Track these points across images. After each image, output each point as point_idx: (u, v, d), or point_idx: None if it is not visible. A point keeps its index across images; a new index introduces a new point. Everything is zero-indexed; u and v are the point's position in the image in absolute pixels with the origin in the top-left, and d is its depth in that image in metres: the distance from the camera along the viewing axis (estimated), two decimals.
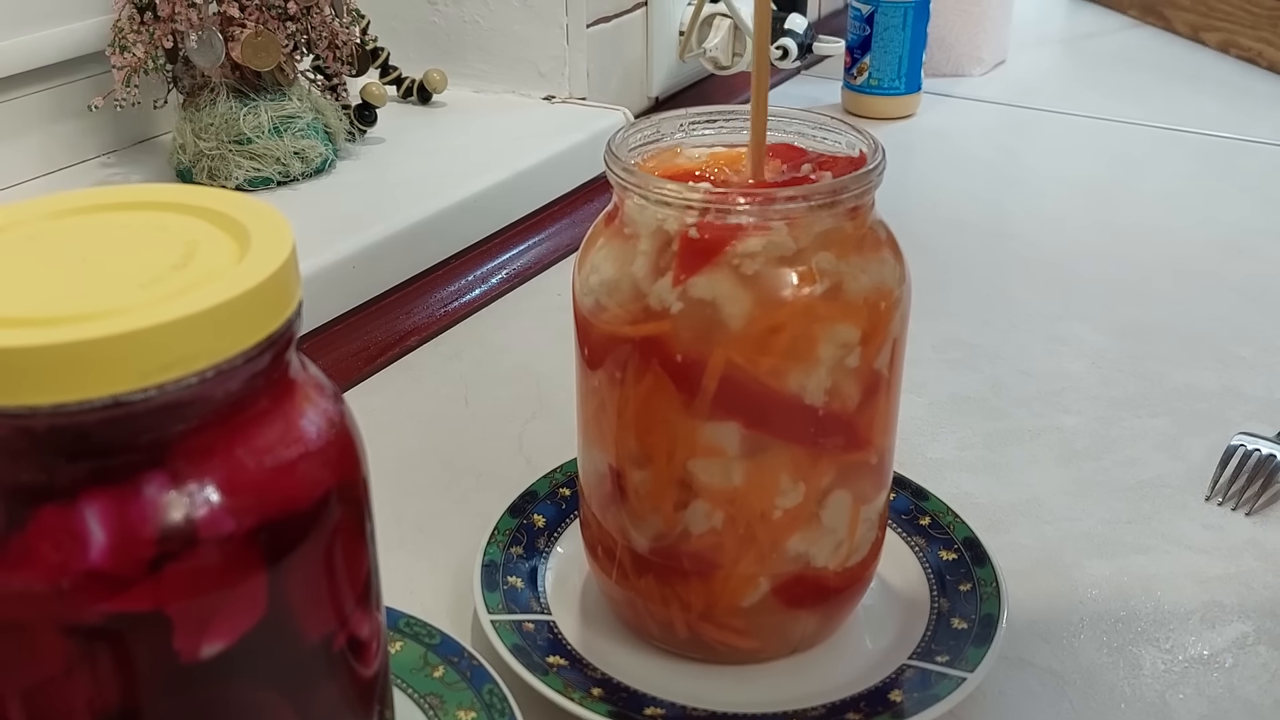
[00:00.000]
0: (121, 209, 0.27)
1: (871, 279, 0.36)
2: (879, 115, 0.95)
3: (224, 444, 0.24)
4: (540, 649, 0.39)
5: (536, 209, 0.74)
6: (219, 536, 0.24)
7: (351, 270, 0.61)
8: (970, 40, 1.03)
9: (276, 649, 0.26)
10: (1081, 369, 0.60)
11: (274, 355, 0.25)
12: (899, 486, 0.47)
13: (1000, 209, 0.81)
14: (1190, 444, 0.54)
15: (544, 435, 0.54)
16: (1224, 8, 1.10)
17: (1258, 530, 0.48)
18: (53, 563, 0.23)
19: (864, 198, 0.35)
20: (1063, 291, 0.68)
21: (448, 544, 0.47)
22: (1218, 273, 0.70)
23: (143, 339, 0.22)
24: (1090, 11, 1.26)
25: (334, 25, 0.68)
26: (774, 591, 0.38)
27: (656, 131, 0.39)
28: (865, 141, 0.38)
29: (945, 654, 0.39)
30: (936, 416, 0.56)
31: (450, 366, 0.61)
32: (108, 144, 0.72)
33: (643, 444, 0.37)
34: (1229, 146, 0.90)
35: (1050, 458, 0.53)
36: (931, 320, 0.63)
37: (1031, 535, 0.48)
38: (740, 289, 0.34)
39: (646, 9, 0.87)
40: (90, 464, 0.23)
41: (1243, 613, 0.44)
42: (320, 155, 0.69)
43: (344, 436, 0.27)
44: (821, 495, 0.37)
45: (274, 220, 0.26)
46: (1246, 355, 0.61)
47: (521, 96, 0.84)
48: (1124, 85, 1.03)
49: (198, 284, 0.24)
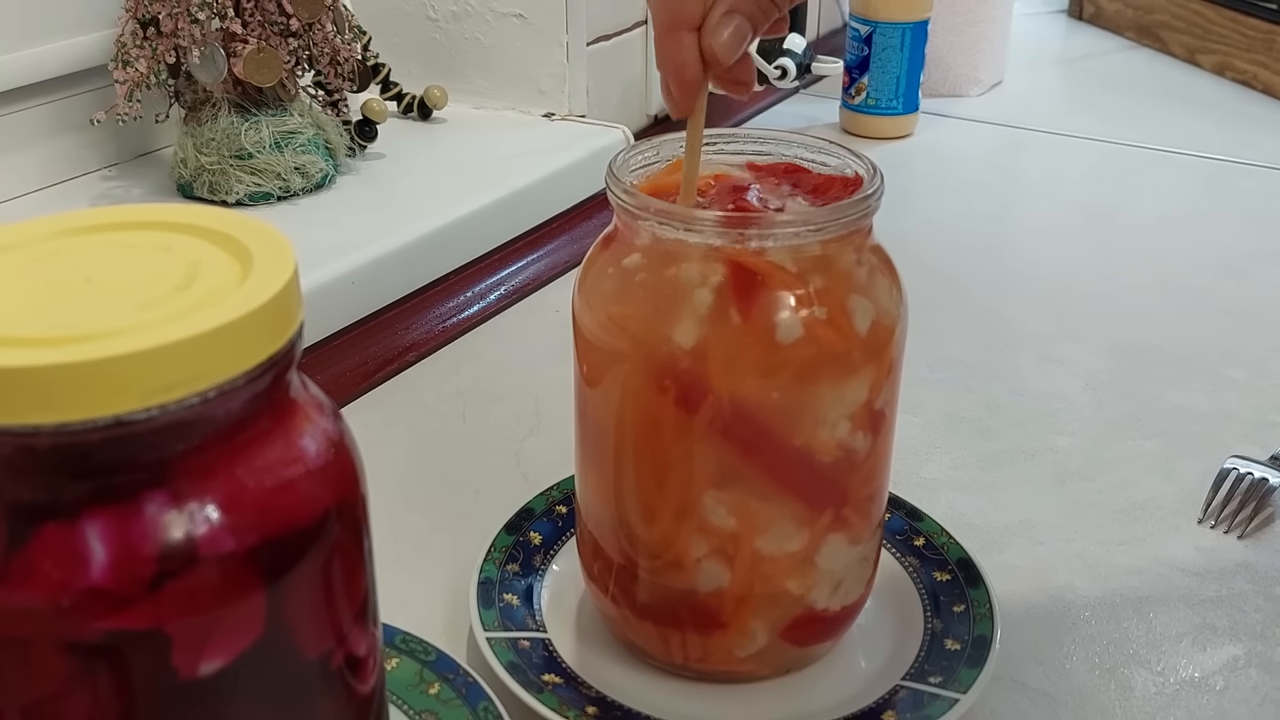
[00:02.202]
0: (125, 229, 0.28)
1: (869, 306, 0.36)
2: (877, 135, 0.95)
3: (225, 463, 0.24)
4: (535, 666, 0.40)
5: (536, 225, 0.74)
6: (219, 555, 0.24)
7: (351, 286, 0.62)
8: (968, 61, 1.04)
9: (274, 667, 0.26)
10: (1075, 390, 0.60)
11: (275, 376, 0.25)
12: (894, 507, 0.47)
13: (996, 229, 0.82)
14: (1183, 466, 0.54)
15: (541, 452, 0.55)
16: (1219, 31, 1.11)
17: (1250, 553, 0.48)
18: (54, 580, 0.23)
19: (862, 222, 0.36)
20: (1057, 312, 0.69)
21: (444, 560, 0.47)
22: (1211, 295, 0.70)
23: (145, 360, 0.23)
24: (1087, 33, 1.27)
25: (336, 42, 0.69)
26: (780, 634, 0.39)
27: (657, 153, 0.40)
28: (863, 165, 0.38)
29: (938, 675, 0.39)
30: (931, 436, 0.56)
31: (448, 383, 0.61)
32: (109, 157, 0.72)
33: (639, 468, 0.37)
34: (1224, 169, 0.90)
35: (1044, 479, 0.53)
36: (927, 340, 0.64)
37: (1025, 556, 0.48)
38: (736, 316, 0.35)
39: (646, 27, 0.87)
40: (92, 483, 0.23)
41: (1234, 636, 0.44)
42: (321, 170, 0.69)
43: (343, 456, 0.27)
44: (820, 537, 0.37)
45: (276, 242, 0.27)
46: (1239, 378, 0.61)
47: (521, 113, 0.84)
48: (1120, 107, 1.04)
49: (200, 305, 0.24)
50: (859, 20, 0.94)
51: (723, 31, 0.35)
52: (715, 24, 0.35)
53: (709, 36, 0.35)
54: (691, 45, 0.35)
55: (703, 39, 0.35)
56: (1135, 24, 1.22)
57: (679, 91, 0.36)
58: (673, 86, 0.36)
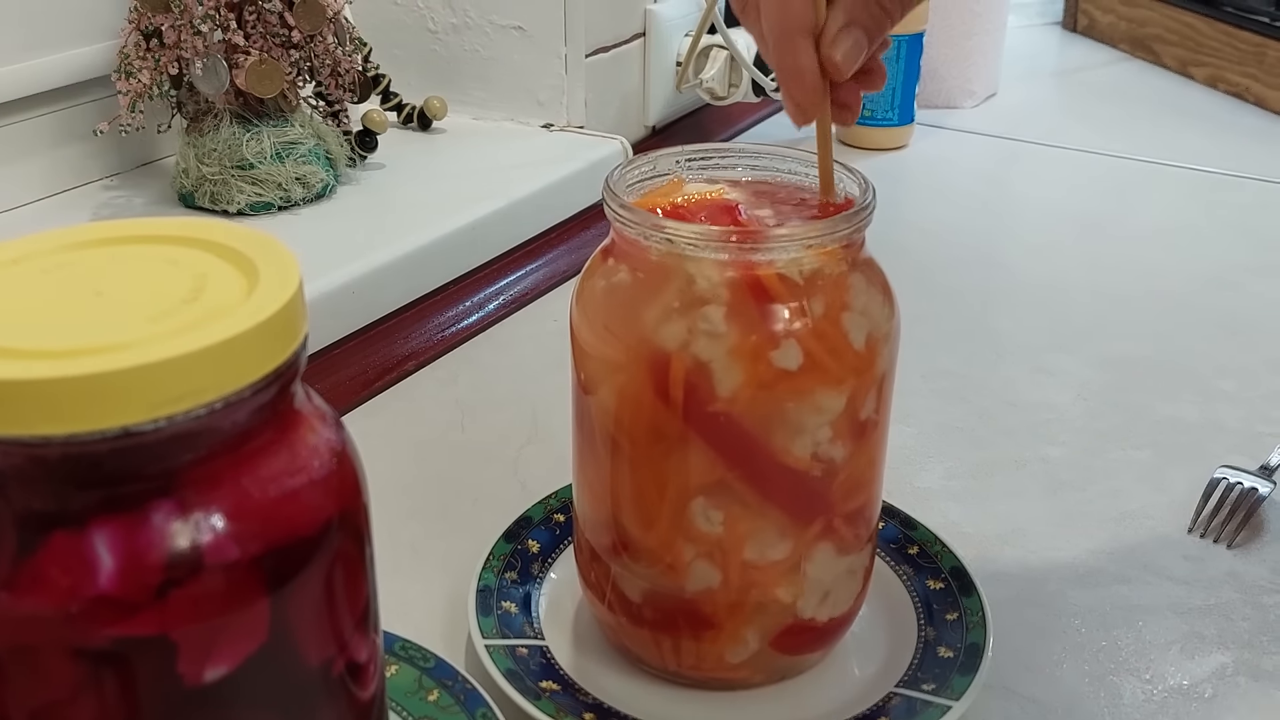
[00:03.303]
0: (133, 242, 0.28)
1: (862, 320, 0.37)
2: (872, 146, 0.96)
3: (230, 473, 0.25)
4: (533, 674, 0.40)
5: (534, 235, 0.75)
6: (224, 563, 0.25)
7: (351, 295, 0.62)
8: (962, 73, 1.05)
9: (277, 673, 0.26)
10: (1067, 400, 0.61)
11: (280, 388, 0.26)
12: (888, 515, 0.47)
13: (989, 240, 0.82)
14: (1173, 476, 0.54)
15: (539, 461, 0.55)
16: (1212, 43, 1.12)
17: (1238, 563, 0.49)
18: (63, 587, 0.24)
19: (854, 237, 0.36)
20: (1049, 323, 0.69)
21: (443, 568, 0.47)
22: (1202, 306, 0.71)
23: (153, 372, 0.23)
24: (1081, 45, 1.28)
25: (337, 53, 0.70)
26: (770, 643, 0.39)
27: (653, 168, 0.40)
28: (855, 181, 0.39)
29: (931, 682, 0.40)
30: (925, 446, 0.57)
31: (447, 391, 0.61)
32: (111, 167, 0.72)
33: (634, 475, 0.38)
34: (1215, 181, 0.91)
35: (1036, 488, 0.54)
36: (921, 350, 0.64)
37: (1017, 565, 0.49)
38: (731, 329, 0.35)
39: (644, 40, 0.88)
40: (100, 492, 0.24)
41: (1222, 644, 0.44)
42: (321, 181, 0.70)
43: (346, 465, 0.28)
44: (808, 547, 0.38)
45: (281, 256, 0.27)
46: (1229, 389, 0.62)
47: (520, 124, 0.85)
48: (1113, 119, 1.05)
49: (207, 318, 0.25)
50: None
51: (845, 43, 0.35)
52: (835, 35, 0.35)
53: (830, 48, 0.35)
54: (808, 50, 0.35)
55: (821, 50, 0.35)
56: (1128, 36, 1.23)
57: (802, 97, 0.36)
58: (795, 92, 0.36)
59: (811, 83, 0.36)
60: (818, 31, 0.36)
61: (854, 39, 0.35)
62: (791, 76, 0.36)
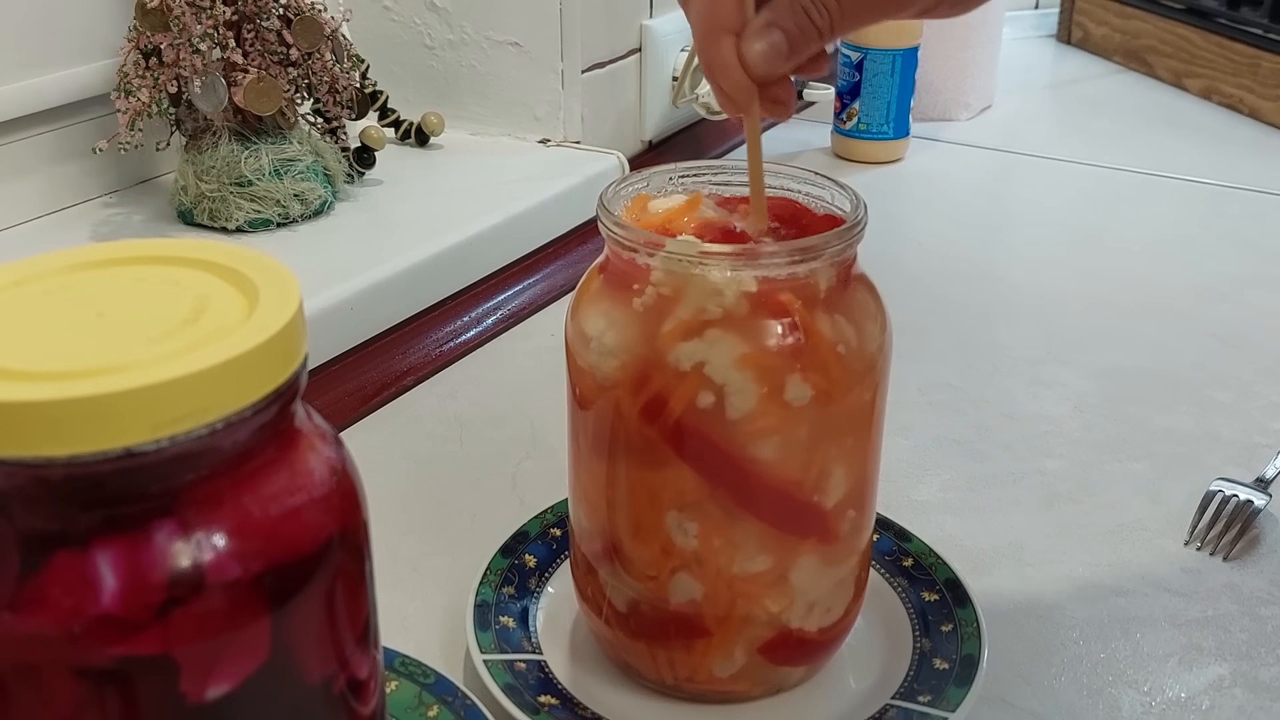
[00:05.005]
0: (135, 263, 0.29)
1: (854, 335, 0.37)
2: (868, 159, 0.97)
3: (232, 493, 0.25)
4: (532, 688, 0.40)
5: (531, 250, 0.75)
6: (226, 582, 0.25)
7: (349, 311, 0.63)
8: (957, 86, 1.05)
9: (279, 691, 0.27)
10: (1064, 413, 0.61)
11: (280, 407, 0.26)
12: (883, 528, 0.48)
13: (985, 252, 0.83)
14: (1169, 488, 0.55)
15: (537, 475, 0.55)
16: (1206, 55, 1.12)
17: (1235, 575, 0.49)
18: (65, 607, 0.24)
19: (846, 253, 0.37)
20: (1046, 335, 0.69)
21: (441, 583, 0.48)
22: (1198, 318, 0.71)
23: (155, 393, 0.23)
24: (1075, 58, 1.28)
25: (334, 70, 0.70)
26: (757, 651, 0.39)
27: (647, 185, 0.41)
28: (848, 197, 0.39)
29: (927, 694, 0.40)
30: (921, 459, 0.57)
31: (445, 406, 0.62)
32: (110, 184, 0.73)
33: (630, 489, 0.38)
34: (1210, 192, 0.92)
35: (1032, 501, 0.54)
36: (918, 363, 0.65)
37: (1013, 577, 0.49)
38: (721, 346, 0.36)
39: (640, 55, 0.89)
40: (103, 512, 0.24)
41: (1220, 656, 0.45)
42: (319, 197, 0.70)
43: (346, 483, 0.28)
44: (793, 558, 0.38)
45: (281, 276, 0.27)
46: (1225, 400, 0.62)
47: (517, 140, 0.85)
48: (1108, 131, 1.05)
49: (208, 339, 0.25)
50: (850, 46, 0.95)
51: (758, 42, 0.35)
52: (753, 32, 0.35)
53: (744, 42, 0.35)
54: (730, 48, 0.36)
55: (739, 46, 0.36)
56: (1123, 48, 1.23)
57: (730, 89, 0.36)
58: (722, 84, 0.36)
59: (736, 79, 0.36)
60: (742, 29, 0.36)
61: (770, 41, 0.35)
62: (716, 72, 0.36)
